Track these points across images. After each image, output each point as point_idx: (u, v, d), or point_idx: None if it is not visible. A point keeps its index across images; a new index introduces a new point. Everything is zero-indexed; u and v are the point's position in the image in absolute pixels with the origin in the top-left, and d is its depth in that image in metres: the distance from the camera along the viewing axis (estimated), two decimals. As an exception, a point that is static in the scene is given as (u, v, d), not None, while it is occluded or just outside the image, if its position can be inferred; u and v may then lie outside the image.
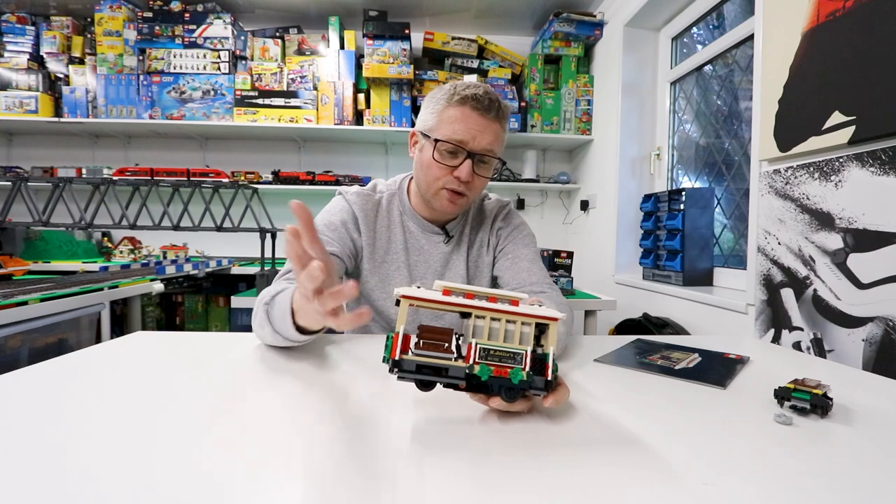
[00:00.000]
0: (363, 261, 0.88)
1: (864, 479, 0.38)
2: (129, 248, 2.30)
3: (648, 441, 0.43)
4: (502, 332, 0.44)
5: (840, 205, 0.98)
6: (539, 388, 0.44)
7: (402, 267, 0.89)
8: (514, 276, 0.89)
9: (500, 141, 0.82)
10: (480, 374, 0.43)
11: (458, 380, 0.43)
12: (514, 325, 0.44)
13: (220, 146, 2.76)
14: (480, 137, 0.78)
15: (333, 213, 0.87)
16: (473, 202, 0.96)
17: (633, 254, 2.14)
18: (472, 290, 0.44)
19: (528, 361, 0.44)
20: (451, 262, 0.92)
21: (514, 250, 0.92)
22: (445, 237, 0.91)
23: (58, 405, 0.49)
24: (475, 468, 0.38)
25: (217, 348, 0.75)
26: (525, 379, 0.44)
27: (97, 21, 2.42)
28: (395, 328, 0.43)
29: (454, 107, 0.78)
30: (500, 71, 2.61)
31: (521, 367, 0.44)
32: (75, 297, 1.24)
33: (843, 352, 0.97)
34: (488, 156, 0.80)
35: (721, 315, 1.41)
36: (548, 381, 0.44)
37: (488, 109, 0.78)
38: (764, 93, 1.21)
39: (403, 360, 0.43)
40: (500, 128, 0.81)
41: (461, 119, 0.77)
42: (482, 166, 0.81)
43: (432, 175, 0.81)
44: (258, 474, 0.36)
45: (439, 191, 0.82)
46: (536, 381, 0.44)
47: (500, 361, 0.44)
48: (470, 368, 0.43)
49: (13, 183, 1.39)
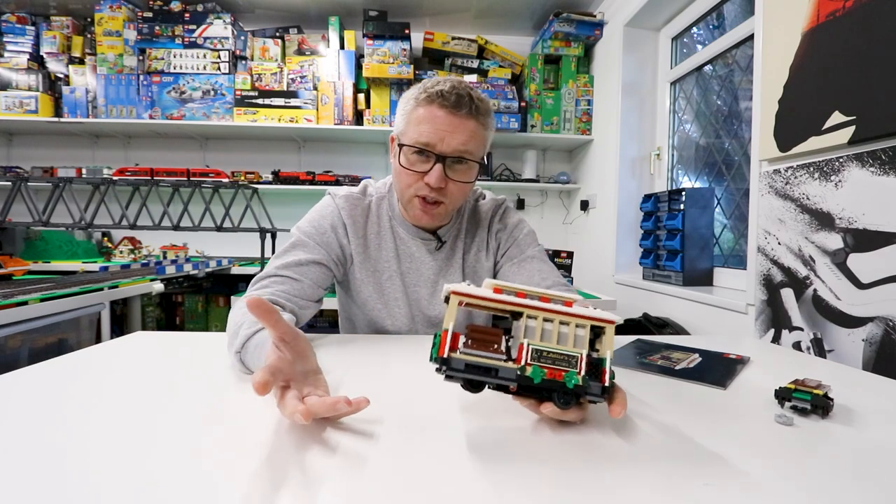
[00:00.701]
0: (355, 269, 0.85)
1: (865, 480, 0.38)
2: (129, 248, 2.30)
3: (648, 441, 0.43)
4: (555, 334, 0.42)
5: (840, 205, 0.98)
6: (595, 395, 0.41)
7: (395, 276, 0.85)
8: (526, 280, 0.82)
9: (479, 139, 0.74)
10: (533, 375, 0.40)
11: (510, 381, 0.41)
12: (567, 328, 0.42)
13: (220, 146, 2.76)
14: (450, 138, 0.71)
15: (323, 215, 0.83)
16: (464, 205, 0.90)
17: (633, 254, 2.14)
18: (524, 290, 0.42)
19: (584, 366, 0.41)
20: (445, 270, 0.87)
21: (518, 254, 0.87)
22: (437, 243, 0.86)
23: (58, 405, 0.49)
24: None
25: (217, 348, 0.75)
26: (581, 384, 0.41)
27: (97, 21, 2.42)
28: (444, 325, 0.41)
29: (421, 106, 0.72)
30: (500, 71, 2.61)
31: (577, 371, 0.41)
32: (75, 297, 1.24)
33: (843, 352, 0.97)
34: (464, 157, 0.73)
35: (721, 315, 1.41)
36: (605, 387, 0.41)
37: (457, 106, 0.71)
38: (764, 93, 1.21)
39: (452, 358, 0.40)
40: (477, 124, 0.73)
41: (428, 119, 0.71)
42: (457, 170, 0.74)
43: (403, 182, 0.76)
44: (258, 474, 0.36)
45: (412, 199, 0.76)
46: (592, 386, 0.41)
47: (553, 364, 0.41)
48: (522, 370, 0.40)
49: (13, 183, 1.39)
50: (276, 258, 0.78)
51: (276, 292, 0.72)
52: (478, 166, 0.76)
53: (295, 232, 0.82)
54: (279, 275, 0.75)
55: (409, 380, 0.59)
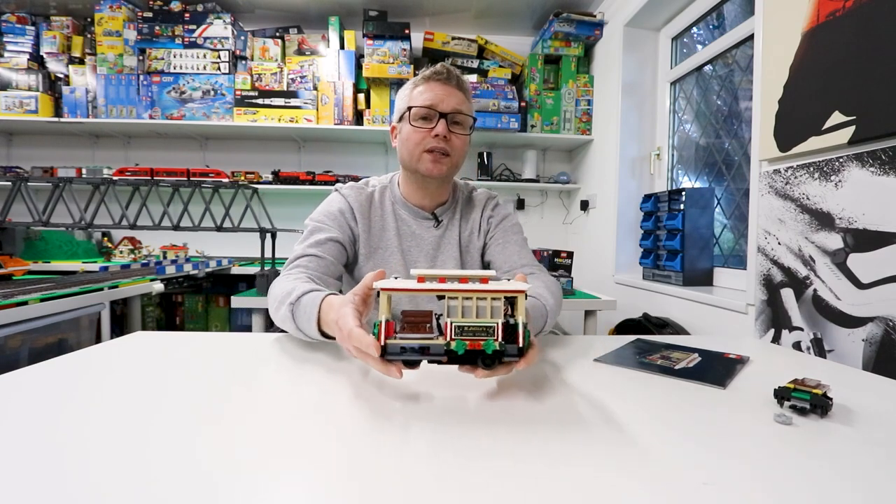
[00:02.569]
0: (360, 247, 0.93)
1: (865, 479, 0.38)
2: (129, 248, 2.30)
3: (648, 441, 0.43)
4: (475, 309, 0.48)
5: (840, 205, 0.98)
6: (512, 355, 0.49)
7: (396, 252, 0.94)
8: (506, 259, 0.95)
9: (467, 105, 0.90)
10: (457, 348, 0.48)
11: (439, 356, 0.48)
12: (485, 302, 0.49)
13: (220, 146, 2.76)
14: (448, 101, 0.86)
15: (332, 204, 0.93)
16: (461, 189, 1.02)
17: (633, 254, 2.14)
18: (444, 275, 0.49)
19: (501, 332, 0.48)
20: (443, 246, 0.97)
21: (503, 236, 0.98)
22: (435, 222, 0.96)
23: (58, 405, 0.49)
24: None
25: (217, 348, 0.75)
26: (498, 349, 0.48)
27: (97, 21, 2.42)
28: (379, 317, 0.48)
29: (420, 85, 0.88)
30: (500, 71, 2.61)
31: (494, 339, 0.48)
32: (75, 297, 1.24)
33: (843, 352, 0.97)
34: (460, 114, 0.88)
35: (721, 315, 1.41)
36: (520, 347, 0.49)
37: (448, 79, 0.87)
38: (764, 93, 1.21)
39: (389, 344, 0.48)
40: (464, 96, 0.89)
41: (427, 90, 0.87)
42: (457, 126, 0.88)
43: (413, 142, 0.87)
44: (258, 474, 0.36)
45: (422, 154, 0.87)
46: (509, 349, 0.49)
47: (473, 335, 0.48)
48: (448, 345, 0.48)
49: (13, 183, 1.39)
50: (300, 244, 0.88)
51: (311, 271, 0.82)
52: (472, 121, 0.91)
53: (309, 222, 0.91)
54: (308, 254, 0.85)
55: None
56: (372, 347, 0.47)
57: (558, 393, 0.56)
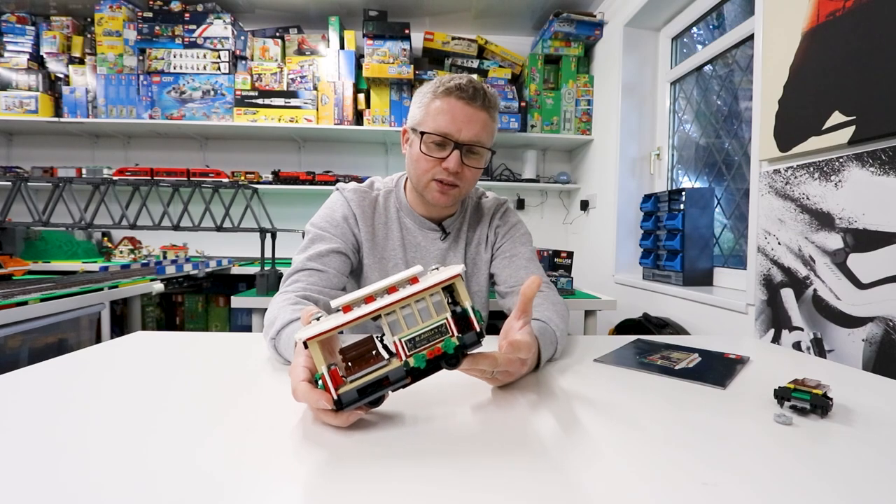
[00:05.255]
0: (364, 256, 0.89)
1: (864, 479, 0.38)
2: (129, 248, 2.30)
3: (648, 441, 0.43)
4: (416, 315, 0.44)
5: (840, 205, 0.98)
6: (474, 343, 0.45)
7: (401, 263, 0.90)
8: (512, 274, 0.90)
9: (489, 131, 0.82)
10: (417, 364, 0.43)
11: (403, 380, 0.44)
12: (423, 303, 0.44)
13: (220, 146, 2.76)
14: (467, 129, 0.78)
15: (334, 209, 0.88)
16: (469, 196, 0.97)
17: (633, 254, 2.14)
18: (370, 292, 0.43)
19: (454, 326, 0.44)
20: (448, 259, 0.92)
21: (511, 249, 0.93)
22: (442, 234, 0.92)
23: (58, 405, 0.49)
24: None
25: (217, 348, 0.75)
26: (458, 344, 0.44)
27: (97, 21, 2.42)
28: (318, 369, 0.42)
29: (439, 98, 0.79)
30: (500, 71, 2.61)
31: (451, 335, 0.44)
32: (75, 297, 1.24)
33: (843, 352, 0.97)
34: (477, 146, 0.80)
35: (721, 315, 1.41)
36: (478, 332, 0.45)
37: (473, 98, 0.78)
38: (764, 93, 1.21)
39: (342, 394, 0.42)
40: (488, 117, 0.81)
41: (447, 110, 0.78)
42: (472, 157, 0.81)
43: (422, 168, 0.81)
44: (259, 474, 0.36)
45: (429, 183, 0.82)
46: (467, 338, 0.45)
47: (428, 342, 0.44)
48: (406, 364, 0.44)
49: (13, 183, 1.39)
50: (300, 253, 0.83)
51: (308, 286, 0.77)
52: (488, 153, 0.83)
53: (310, 228, 0.86)
54: (306, 268, 0.80)
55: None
56: (323, 401, 0.41)
57: (558, 393, 0.56)
